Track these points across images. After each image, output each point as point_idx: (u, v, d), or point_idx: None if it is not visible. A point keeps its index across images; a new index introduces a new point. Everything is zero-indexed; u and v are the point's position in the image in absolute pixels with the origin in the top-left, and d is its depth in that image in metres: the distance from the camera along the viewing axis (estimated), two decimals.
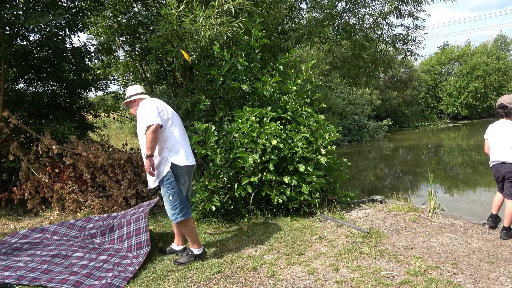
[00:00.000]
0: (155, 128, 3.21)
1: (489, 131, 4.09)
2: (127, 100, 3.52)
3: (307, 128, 5.03)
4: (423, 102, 34.35)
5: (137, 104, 3.50)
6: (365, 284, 2.92)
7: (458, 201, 7.59)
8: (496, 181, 4.07)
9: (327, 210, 4.97)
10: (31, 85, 6.30)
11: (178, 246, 3.72)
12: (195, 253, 3.45)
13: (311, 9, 8.61)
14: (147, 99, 3.48)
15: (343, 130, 19.34)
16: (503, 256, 3.39)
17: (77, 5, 6.18)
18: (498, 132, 3.96)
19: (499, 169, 3.92)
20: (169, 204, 3.36)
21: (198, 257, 3.46)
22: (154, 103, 3.37)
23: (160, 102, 3.47)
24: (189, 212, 3.43)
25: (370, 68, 9.46)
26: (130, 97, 3.51)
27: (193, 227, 3.47)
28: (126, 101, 3.54)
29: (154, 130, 3.20)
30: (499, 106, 3.98)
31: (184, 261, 3.41)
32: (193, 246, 3.45)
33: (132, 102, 3.53)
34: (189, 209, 3.45)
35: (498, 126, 3.99)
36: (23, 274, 3.12)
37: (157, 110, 3.31)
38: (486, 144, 4.16)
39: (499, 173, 3.93)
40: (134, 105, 3.52)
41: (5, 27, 5.23)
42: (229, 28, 5.01)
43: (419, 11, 8.11)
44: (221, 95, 5.49)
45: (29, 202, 5.19)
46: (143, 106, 3.38)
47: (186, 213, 3.37)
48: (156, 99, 3.47)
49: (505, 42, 36.03)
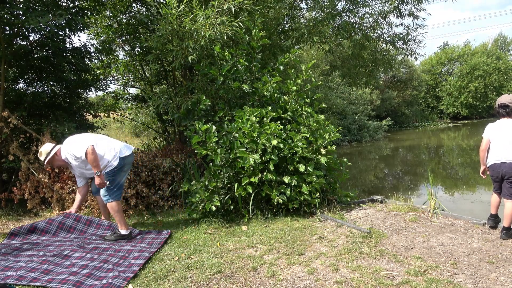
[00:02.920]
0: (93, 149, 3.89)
1: (490, 130, 4.02)
2: (49, 158, 3.95)
3: (307, 128, 5.03)
4: (423, 102, 34.35)
5: (58, 154, 4.01)
6: (365, 284, 2.91)
7: (458, 201, 7.59)
8: (494, 181, 4.03)
9: (327, 210, 4.97)
10: (31, 85, 6.30)
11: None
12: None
13: (311, 8, 8.60)
14: (60, 145, 4.11)
15: (343, 130, 19.34)
16: (503, 256, 3.39)
17: (77, 5, 6.17)
18: (499, 131, 3.91)
19: (498, 168, 3.90)
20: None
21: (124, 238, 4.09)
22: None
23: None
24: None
25: (370, 67, 9.45)
26: (49, 154, 3.96)
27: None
28: (48, 159, 3.96)
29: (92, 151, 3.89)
30: (500, 106, 3.95)
31: (113, 238, 4.04)
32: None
33: (53, 156, 4.00)
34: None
35: (499, 125, 3.95)
36: (23, 274, 3.12)
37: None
38: (485, 143, 4.04)
39: (498, 172, 3.90)
40: (57, 157, 4.02)
41: (5, 27, 5.23)
42: (229, 28, 5.01)
43: (419, 10, 8.09)
44: (221, 95, 5.48)
45: (29, 202, 5.19)
46: (64, 147, 4.05)
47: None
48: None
49: (505, 42, 36.05)
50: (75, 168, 4.07)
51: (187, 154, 6.22)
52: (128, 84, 9.14)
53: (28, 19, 4.63)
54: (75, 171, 4.14)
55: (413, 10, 8.06)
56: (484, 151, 4.05)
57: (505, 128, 3.88)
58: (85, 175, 4.17)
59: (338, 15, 8.00)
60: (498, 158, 3.88)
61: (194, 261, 3.45)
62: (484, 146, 4.05)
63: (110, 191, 4.04)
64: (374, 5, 8.11)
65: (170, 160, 5.92)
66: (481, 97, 31.33)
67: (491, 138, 3.99)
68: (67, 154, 3.97)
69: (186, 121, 5.47)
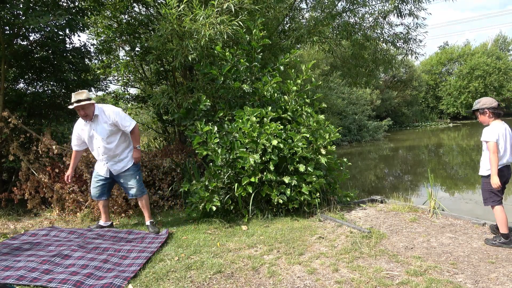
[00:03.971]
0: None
1: (496, 133, 3.66)
2: (87, 103, 3.98)
3: (307, 128, 5.03)
4: (423, 102, 34.35)
5: (93, 105, 4.10)
6: (365, 284, 2.91)
7: (458, 201, 7.59)
8: (498, 189, 3.66)
9: (327, 210, 4.97)
10: (31, 85, 6.29)
11: (106, 223, 4.50)
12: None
13: (311, 8, 8.60)
14: (101, 104, 4.26)
15: (343, 130, 19.34)
16: (503, 256, 3.39)
17: (77, 5, 6.17)
18: (502, 134, 3.66)
19: (506, 173, 3.68)
20: (137, 182, 4.36)
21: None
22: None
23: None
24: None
25: (370, 67, 9.44)
26: (86, 100, 4.00)
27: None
28: (83, 103, 3.96)
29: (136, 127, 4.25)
30: (495, 107, 3.72)
31: (155, 230, 4.29)
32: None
33: (92, 104, 4.08)
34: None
35: (502, 127, 3.70)
36: (23, 274, 3.12)
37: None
38: (495, 147, 3.61)
39: (505, 177, 3.68)
40: (91, 107, 4.07)
41: (5, 27, 5.22)
42: (229, 27, 5.01)
43: (420, 10, 8.09)
44: (221, 94, 5.48)
45: (29, 202, 5.19)
46: (112, 109, 4.18)
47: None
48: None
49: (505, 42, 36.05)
50: (97, 129, 4.10)
51: (187, 154, 6.22)
52: (128, 84, 9.13)
53: (28, 19, 4.63)
54: (84, 133, 4.15)
55: (413, 10, 8.06)
56: (496, 154, 3.61)
57: (507, 131, 3.70)
58: (91, 142, 4.18)
59: (338, 15, 8.00)
60: (504, 161, 3.67)
61: (194, 261, 3.45)
62: (496, 152, 3.61)
63: (141, 185, 4.37)
64: (374, 5, 8.12)
65: (170, 160, 5.92)
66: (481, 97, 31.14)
67: (499, 141, 3.67)
68: (111, 113, 4.11)
69: (186, 121, 5.47)
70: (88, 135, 4.15)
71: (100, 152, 4.18)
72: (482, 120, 3.82)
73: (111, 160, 4.22)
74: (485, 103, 3.76)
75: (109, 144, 4.14)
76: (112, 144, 4.15)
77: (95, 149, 4.23)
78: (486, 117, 3.77)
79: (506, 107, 32.29)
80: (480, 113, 3.80)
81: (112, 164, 4.24)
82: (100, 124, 4.10)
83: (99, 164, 4.33)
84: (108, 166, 4.25)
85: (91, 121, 4.10)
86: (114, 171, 4.27)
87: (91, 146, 4.24)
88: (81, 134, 4.20)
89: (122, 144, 4.25)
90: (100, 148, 4.17)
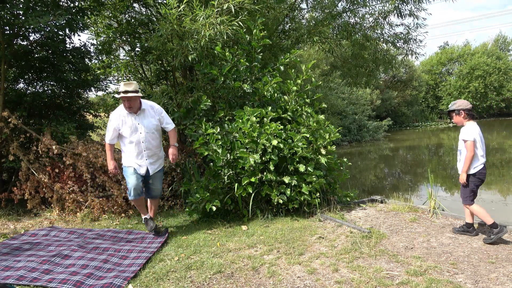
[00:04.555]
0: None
1: (475, 133, 3.81)
2: (134, 95, 3.85)
3: (307, 128, 5.03)
4: (423, 102, 34.34)
5: (139, 99, 4.02)
6: (365, 284, 2.91)
7: (458, 201, 7.57)
8: (477, 188, 3.83)
9: (327, 210, 4.97)
10: (31, 85, 6.30)
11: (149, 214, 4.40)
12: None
13: (311, 9, 8.60)
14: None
15: (343, 130, 19.34)
16: (503, 256, 3.39)
17: (77, 5, 6.17)
18: (478, 135, 3.82)
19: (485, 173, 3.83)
20: (161, 184, 4.42)
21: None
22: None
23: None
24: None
25: (370, 67, 9.44)
26: (134, 92, 3.88)
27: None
28: (130, 95, 3.84)
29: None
30: (470, 109, 3.92)
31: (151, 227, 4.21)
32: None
33: (136, 97, 3.94)
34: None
35: (476, 128, 3.85)
36: (23, 274, 3.12)
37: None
38: (472, 146, 3.75)
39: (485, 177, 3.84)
40: (137, 100, 3.98)
41: (5, 27, 5.22)
42: (229, 27, 5.01)
43: (420, 10, 8.09)
44: (221, 94, 5.48)
45: (29, 202, 5.19)
46: (158, 106, 4.26)
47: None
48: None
49: (505, 42, 36.02)
50: (144, 123, 4.01)
51: (187, 154, 6.21)
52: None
53: (28, 19, 4.63)
54: (126, 124, 3.96)
55: (414, 10, 8.06)
56: (472, 154, 3.75)
57: (479, 132, 3.84)
58: (133, 134, 3.98)
59: (338, 15, 8.00)
60: (483, 161, 3.80)
61: (194, 261, 3.45)
62: (472, 151, 3.74)
63: (162, 186, 4.51)
64: (375, 5, 8.11)
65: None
66: (481, 97, 31.32)
67: (476, 141, 3.78)
68: (159, 109, 4.20)
69: (186, 120, 5.47)
70: (132, 127, 3.97)
71: (143, 147, 4.02)
72: (457, 121, 4.00)
73: (150, 157, 4.11)
74: (461, 105, 3.96)
75: (153, 140, 4.09)
76: (156, 140, 4.13)
77: (135, 144, 4.01)
78: (461, 118, 3.95)
79: (506, 107, 32.30)
80: (455, 113, 3.98)
81: (151, 161, 4.13)
82: (147, 118, 4.03)
83: (136, 161, 4.05)
84: (147, 164, 4.10)
85: (136, 114, 3.98)
86: (151, 169, 4.14)
87: (132, 139, 4.00)
88: (120, 126, 3.96)
89: (160, 143, 4.27)
90: (144, 142, 4.02)
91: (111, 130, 3.97)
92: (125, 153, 4.12)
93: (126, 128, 3.96)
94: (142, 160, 4.05)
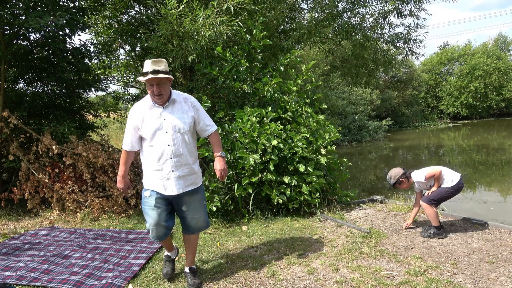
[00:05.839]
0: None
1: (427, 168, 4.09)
2: (166, 76, 2.72)
3: (307, 128, 5.03)
4: (423, 102, 34.33)
5: (170, 83, 2.85)
6: (365, 284, 2.92)
7: (458, 201, 7.58)
8: (447, 199, 4.02)
9: (327, 210, 4.97)
10: (31, 85, 6.30)
11: (173, 252, 3.26)
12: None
13: (311, 9, 8.61)
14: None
15: (343, 130, 19.35)
16: (503, 256, 3.39)
17: (77, 5, 6.17)
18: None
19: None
20: (204, 210, 3.03)
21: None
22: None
23: None
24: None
25: (370, 67, 9.45)
26: (165, 73, 2.75)
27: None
28: (162, 76, 2.70)
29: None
30: (405, 172, 4.11)
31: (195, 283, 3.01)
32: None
33: (168, 80, 2.79)
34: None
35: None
36: (23, 274, 3.12)
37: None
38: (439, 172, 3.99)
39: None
40: (168, 84, 2.82)
41: (5, 27, 5.23)
42: (229, 28, 5.01)
43: (420, 10, 8.09)
44: (221, 94, 5.49)
45: (29, 202, 5.19)
46: (193, 98, 2.98)
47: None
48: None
49: (505, 42, 36.00)
50: (172, 120, 2.78)
51: None
52: (128, 84, 9.13)
53: (28, 19, 4.63)
54: (150, 122, 2.77)
55: (414, 10, 8.06)
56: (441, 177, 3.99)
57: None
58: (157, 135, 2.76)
59: (339, 16, 8.00)
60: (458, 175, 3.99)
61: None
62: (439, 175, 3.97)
63: (207, 214, 3.10)
64: (375, 5, 8.11)
65: None
66: (481, 97, 31.32)
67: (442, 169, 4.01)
68: (195, 102, 2.96)
69: None
70: (155, 125, 2.77)
71: (168, 153, 2.76)
72: (406, 187, 4.16)
73: (179, 169, 2.81)
74: (396, 174, 4.10)
75: (184, 144, 2.82)
76: (189, 146, 2.85)
77: (159, 148, 2.77)
78: (406, 183, 4.12)
79: (506, 107, 32.29)
80: (398, 184, 4.12)
81: (180, 175, 2.81)
82: (178, 113, 2.82)
83: (158, 176, 2.81)
84: (174, 179, 2.80)
85: (163, 106, 2.80)
86: (180, 187, 2.82)
87: (153, 143, 2.79)
88: (140, 124, 2.80)
89: (195, 151, 2.97)
90: (170, 146, 2.76)
91: (129, 130, 2.86)
92: (144, 166, 2.91)
93: (147, 126, 2.78)
94: (166, 173, 2.79)
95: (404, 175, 4.09)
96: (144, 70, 2.74)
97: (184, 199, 2.88)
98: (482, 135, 21.13)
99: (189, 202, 2.91)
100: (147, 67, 2.72)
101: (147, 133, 2.78)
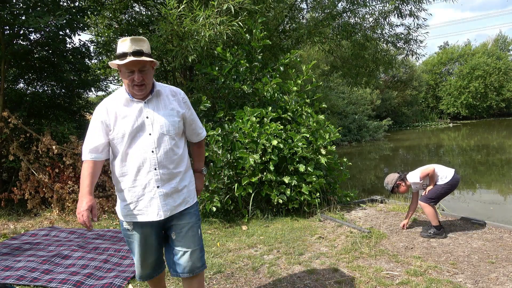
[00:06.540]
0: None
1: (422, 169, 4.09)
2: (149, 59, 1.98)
3: (307, 128, 5.03)
4: (423, 102, 34.36)
5: (153, 71, 2.10)
6: (365, 284, 2.91)
7: (458, 201, 7.58)
8: (443, 196, 4.06)
9: (327, 210, 4.97)
10: (31, 85, 6.30)
11: None
12: None
13: (311, 9, 8.61)
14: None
15: (343, 130, 19.35)
16: (503, 256, 3.39)
17: (77, 5, 6.18)
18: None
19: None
20: (199, 242, 2.17)
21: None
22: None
23: None
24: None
25: (370, 67, 9.45)
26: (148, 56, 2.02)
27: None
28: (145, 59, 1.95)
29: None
30: (400, 175, 4.12)
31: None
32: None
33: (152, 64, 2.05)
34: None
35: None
36: (23, 274, 3.12)
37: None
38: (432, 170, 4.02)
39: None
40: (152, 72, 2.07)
41: (5, 27, 5.23)
42: (229, 28, 5.01)
43: (420, 10, 8.10)
44: (221, 94, 5.49)
45: (29, 202, 5.19)
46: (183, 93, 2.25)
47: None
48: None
49: (505, 42, 36.03)
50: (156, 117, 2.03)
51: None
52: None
53: (28, 19, 4.63)
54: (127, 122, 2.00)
55: (414, 10, 8.07)
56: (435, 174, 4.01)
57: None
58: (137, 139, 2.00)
59: (339, 16, 8.01)
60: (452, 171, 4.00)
61: None
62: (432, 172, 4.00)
63: (203, 245, 2.22)
64: (375, 5, 8.12)
65: None
66: (481, 97, 31.34)
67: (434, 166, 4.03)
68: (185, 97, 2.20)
69: None
70: (135, 126, 2.01)
71: (152, 162, 2.00)
72: (404, 190, 4.12)
73: (166, 184, 2.05)
74: (392, 179, 4.10)
75: (172, 150, 2.07)
76: (179, 150, 2.12)
77: (139, 157, 2.00)
78: (404, 186, 4.08)
79: (506, 107, 32.31)
80: (396, 187, 4.10)
81: (167, 192, 2.05)
82: (165, 109, 2.09)
83: (135, 197, 2.05)
84: (160, 198, 2.03)
85: (144, 100, 2.05)
86: (167, 208, 2.05)
87: (130, 151, 2.02)
88: (112, 124, 2.04)
89: (185, 160, 2.19)
90: (155, 153, 2.01)
91: (94, 133, 2.10)
92: (117, 186, 2.13)
93: (122, 126, 2.02)
94: (149, 190, 2.03)
95: (399, 178, 4.11)
96: (120, 51, 1.98)
97: (172, 224, 2.11)
98: (482, 135, 21.14)
99: (180, 228, 2.11)
100: (125, 47, 1.96)
101: (123, 136, 2.01)
